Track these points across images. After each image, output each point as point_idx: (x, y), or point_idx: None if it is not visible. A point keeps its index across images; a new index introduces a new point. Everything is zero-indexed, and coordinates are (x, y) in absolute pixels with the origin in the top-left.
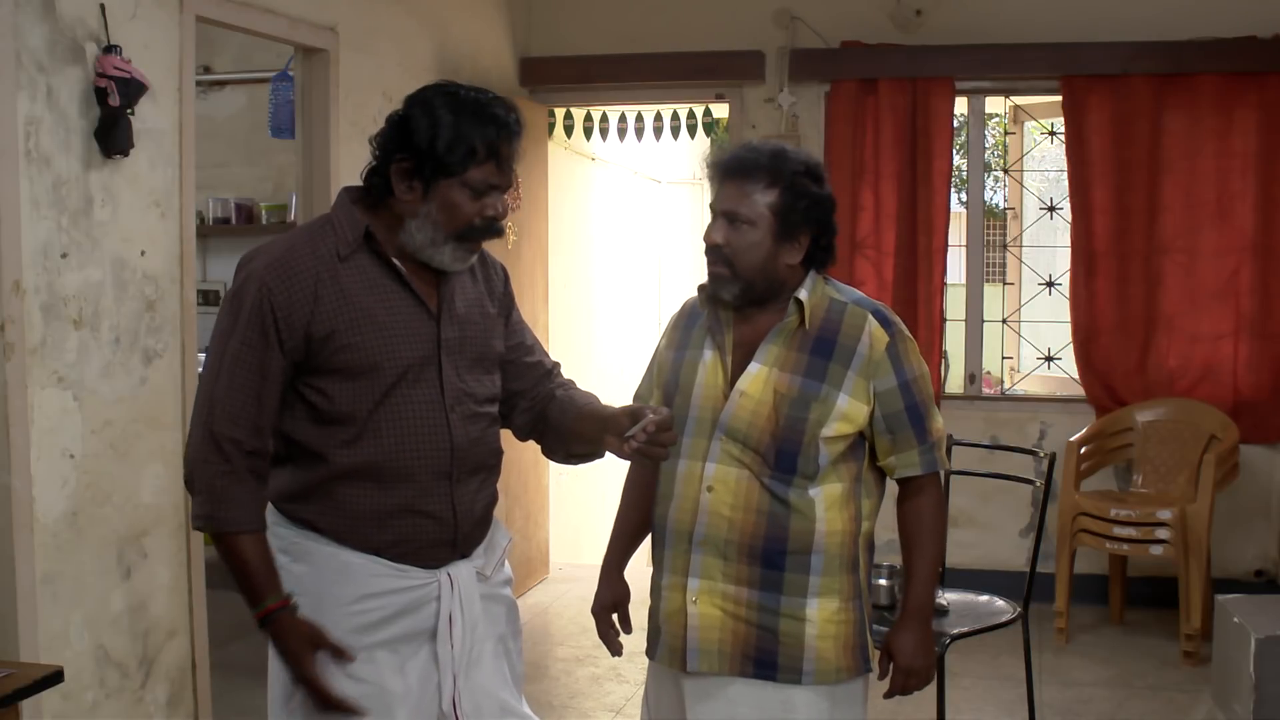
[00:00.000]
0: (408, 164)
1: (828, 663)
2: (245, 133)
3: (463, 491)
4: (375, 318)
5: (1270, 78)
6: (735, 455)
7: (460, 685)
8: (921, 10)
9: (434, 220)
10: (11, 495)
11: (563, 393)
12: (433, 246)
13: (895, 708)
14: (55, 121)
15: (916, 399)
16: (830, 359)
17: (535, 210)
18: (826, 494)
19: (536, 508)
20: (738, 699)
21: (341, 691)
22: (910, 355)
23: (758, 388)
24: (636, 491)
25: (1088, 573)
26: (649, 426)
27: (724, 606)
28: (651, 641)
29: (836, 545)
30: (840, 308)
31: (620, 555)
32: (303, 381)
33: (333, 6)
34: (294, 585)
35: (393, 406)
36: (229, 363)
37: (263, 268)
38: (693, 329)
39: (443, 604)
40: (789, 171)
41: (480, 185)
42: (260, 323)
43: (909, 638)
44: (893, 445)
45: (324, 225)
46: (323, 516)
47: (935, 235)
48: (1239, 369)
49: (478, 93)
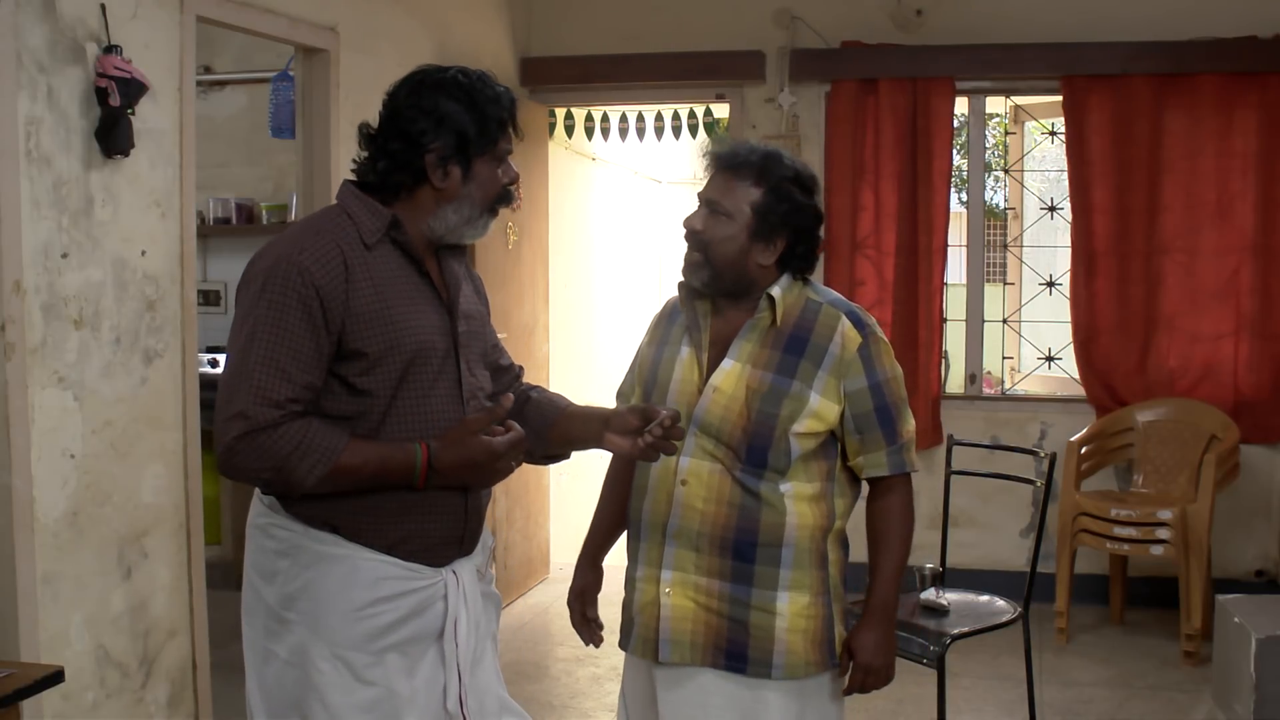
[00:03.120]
0: (441, 152)
1: (796, 656)
2: (246, 133)
3: (474, 488)
4: (400, 305)
5: (1271, 78)
6: (708, 449)
7: (466, 683)
8: (922, 10)
9: (473, 199)
10: (12, 495)
11: (538, 394)
12: (468, 224)
13: (896, 707)
14: (56, 121)
15: (887, 400)
16: (802, 357)
17: (536, 210)
18: (797, 489)
19: (537, 508)
20: (709, 688)
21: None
22: (883, 357)
23: (730, 383)
24: (617, 487)
25: (1088, 573)
26: (664, 422)
27: (696, 598)
28: (625, 633)
29: (807, 539)
30: (815, 307)
31: (596, 547)
32: (333, 367)
33: (333, 6)
34: (300, 590)
35: (416, 397)
36: (270, 345)
37: (295, 252)
38: (673, 326)
39: (449, 602)
40: (777, 175)
41: (504, 154)
42: (305, 306)
43: (869, 636)
44: (861, 445)
45: (339, 215)
46: (340, 512)
47: (935, 235)
48: (1239, 369)
49: (465, 71)
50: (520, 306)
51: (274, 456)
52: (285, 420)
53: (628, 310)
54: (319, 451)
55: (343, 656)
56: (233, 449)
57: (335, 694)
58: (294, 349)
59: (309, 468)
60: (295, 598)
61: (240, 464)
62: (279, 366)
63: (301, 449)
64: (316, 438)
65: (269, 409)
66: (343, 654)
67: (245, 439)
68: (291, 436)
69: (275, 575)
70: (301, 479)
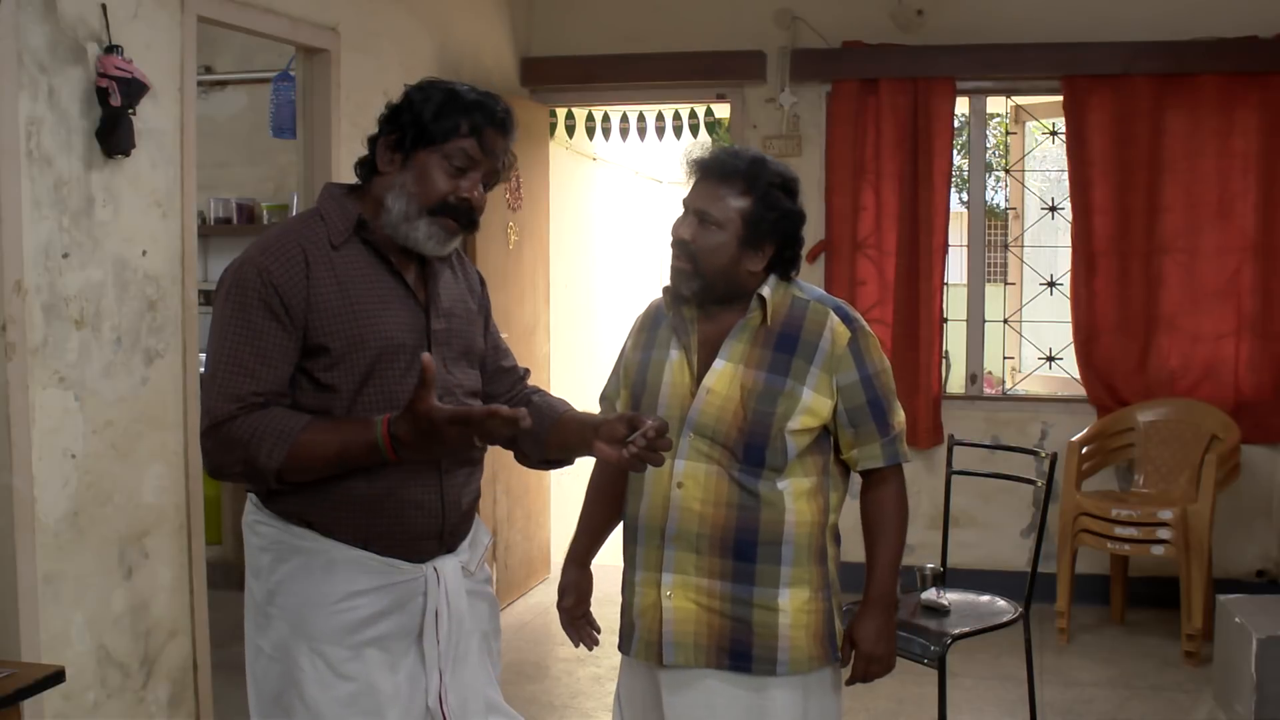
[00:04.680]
0: (393, 137)
1: (800, 651)
2: (246, 133)
3: (451, 482)
4: (367, 302)
5: (1271, 78)
6: (704, 451)
7: (447, 681)
8: (923, 10)
9: (409, 191)
10: (13, 495)
11: (539, 398)
12: (407, 222)
13: (896, 707)
14: (57, 122)
15: (878, 393)
16: (794, 354)
17: (536, 211)
18: (795, 486)
19: (538, 508)
20: (713, 689)
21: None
22: (872, 350)
23: (724, 384)
24: (601, 490)
25: (1089, 573)
26: (649, 432)
27: (698, 600)
28: (625, 637)
29: (806, 536)
30: (803, 305)
31: (584, 550)
32: (300, 362)
33: (334, 7)
34: (279, 585)
35: (384, 392)
36: (234, 345)
37: (257, 254)
38: (658, 330)
39: (429, 599)
40: (765, 182)
41: (459, 158)
42: (266, 305)
43: (871, 625)
44: (855, 438)
45: (312, 217)
46: (313, 507)
47: (936, 235)
48: (1240, 369)
49: (470, 87)
50: (521, 306)
51: (236, 446)
52: (243, 412)
53: (628, 310)
54: (275, 434)
55: (321, 651)
56: (203, 447)
57: (314, 688)
58: (256, 346)
59: (269, 450)
60: (276, 592)
61: (212, 461)
62: (241, 363)
63: (259, 435)
64: (273, 423)
65: (228, 403)
66: (321, 648)
67: (208, 435)
68: (249, 425)
69: (260, 571)
70: (265, 464)
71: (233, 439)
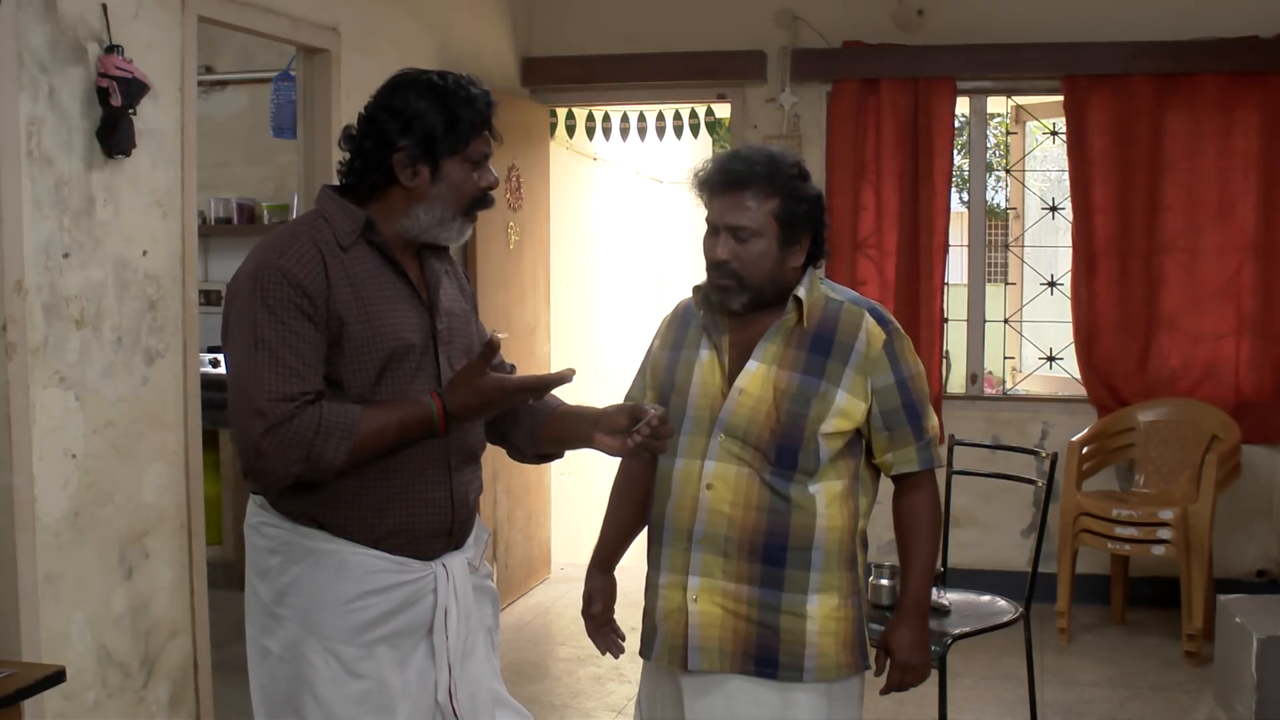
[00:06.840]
0: (409, 152)
1: (828, 659)
2: (247, 133)
3: (459, 480)
4: (378, 302)
5: (1272, 78)
6: (735, 452)
7: (456, 676)
8: (923, 10)
9: (444, 199)
10: (13, 495)
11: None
12: (441, 225)
13: (897, 708)
14: (57, 121)
15: (913, 396)
16: (829, 356)
17: (537, 211)
18: (827, 490)
19: (538, 508)
20: (737, 695)
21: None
22: (906, 353)
23: (757, 385)
24: (625, 495)
25: (1089, 573)
26: (652, 421)
27: (724, 604)
28: (647, 641)
29: (836, 541)
30: (837, 306)
31: (608, 554)
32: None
33: (334, 7)
34: (289, 586)
35: (396, 390)
36: (273, 347)
37: (275, 257)
38: (687, 329)
39: (439, 596)
40: (785, 176)
41: (478, 157)
42: (297, 306)
43: (906, 633)
44: (890, 442)
45: (316, 219)
46: (324, 507)
47: (937, 235)
48: (1241, 369)
49: (443, 74)
50: (521, 306)
51: (299, 445)
52: (300, 410)
53: (629, 310)
54: (340, 428)
55: (333, 650)
56: (260, 449)
57: (327, 687)
58: (295, 347)
59: (335, 446)
60: (286, 593)
61: (270, 462)
62: (285, 365)
63: (323, 431)
64: (333, 417)
65: (283, 403)
66: (333, 647)
67: (268, 435)
68: (310, 422)
69: (268, 572)
70: (331, 459)
71: (294, 438)
